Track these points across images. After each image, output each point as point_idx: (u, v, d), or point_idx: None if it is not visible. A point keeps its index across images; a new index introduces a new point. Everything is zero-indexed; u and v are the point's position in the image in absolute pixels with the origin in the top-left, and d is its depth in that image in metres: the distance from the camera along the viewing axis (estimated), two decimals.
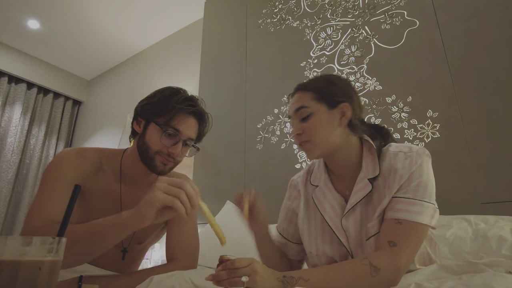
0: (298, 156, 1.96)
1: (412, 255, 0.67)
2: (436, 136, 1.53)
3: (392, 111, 1.69)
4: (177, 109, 0.90)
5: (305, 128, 0.79)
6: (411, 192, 0.70)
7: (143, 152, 0.91)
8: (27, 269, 0.41)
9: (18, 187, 3.54)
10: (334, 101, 0.79)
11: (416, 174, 0.72)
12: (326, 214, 0.82)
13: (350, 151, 0.81)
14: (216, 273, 0.59)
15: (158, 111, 0.91)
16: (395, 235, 0.67)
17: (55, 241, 0.44)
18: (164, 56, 3.45)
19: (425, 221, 0.68)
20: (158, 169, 0.91)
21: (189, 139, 0.95)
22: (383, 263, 0.64)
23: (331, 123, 0.79)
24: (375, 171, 0.77)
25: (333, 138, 0.79)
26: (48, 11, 3.19)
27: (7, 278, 0.40)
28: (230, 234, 1.70)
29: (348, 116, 0.80)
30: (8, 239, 0.42)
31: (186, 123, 0.92)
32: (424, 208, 0.69)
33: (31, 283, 0.41)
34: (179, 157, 0.94)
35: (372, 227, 0.73)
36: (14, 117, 3.61)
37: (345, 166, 0.82)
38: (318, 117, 0.78)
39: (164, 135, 0.89)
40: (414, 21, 1.74)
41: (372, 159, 0.79)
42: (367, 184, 0.76)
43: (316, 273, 0.63)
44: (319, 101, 0.79)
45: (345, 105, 0.80)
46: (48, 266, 0.43)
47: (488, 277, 0.53)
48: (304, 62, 2.12)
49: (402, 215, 0.68)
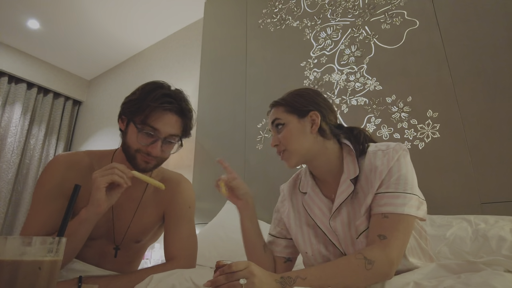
0: None
1: (402, 246, 0.69)
2: (436, 136, 1.53)
3: (392, 111, 1.69)
4: (151, 107, 0.87)
5: (280, 139, 0.85)
6: (392, 186, 0.73)
7: (126, 151, 0.91)
8: (27, 269, 0.41)
9: (18, 187, 3.54)
10: (303, 111, 0.86)
11: (395, 169, 0.75)
12: (316, 219, 0.85)
13: (329, 156, 0.85)
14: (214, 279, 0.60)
15: (135, 110, 0.88)
16: (383, 228, 0.70)
17: (55, 241, 0.45)
18: (164, 56, 3.45)
19: (411, 212, 0.71)
20: (141, 167, 0.90)
21: (170, 136, 0.91)
22: (376, 255, 0.66)
23: (303, 131, 0.84)
24: (356, 171, 0.80)
25: (307, 145, 0.83)
26: (48, 11, 3.19)
27: (7, 278, 0.40)
28: (230, 234, 1.70)
29: (318, 123, 0.85)
30: (8, 239, 0.42)
31: (163, 121, 0.89)
32: (407, 200, 0.71)
33: (31, 283, 0.41)
34: (161, 155, 0.92)
35: (360, 224, 0.75)
36: (14, 117, 3.62)
37: (327, 171, 0.86)
38: (290, 127, 0.85)
39: (141, 134, 0.88)
40: (414, 21, 1.74)
41: (352, 160, 0.83)
42: (350, 184, 0.79)
43: (313, 271, 0.64)
44: (290, 113, 0.86)
45: (314, 113, 0.85)
46: (48, 266, 0.43)
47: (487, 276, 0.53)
48: (304, 62, 2.12)
49: (387, 209, 0.71)
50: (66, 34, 3.52)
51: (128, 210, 0.98)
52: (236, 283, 0.57)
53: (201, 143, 2.48)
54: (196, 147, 2.51)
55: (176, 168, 2.73)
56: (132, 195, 0.99)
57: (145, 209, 1.00)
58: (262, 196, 1.98)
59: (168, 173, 1.10)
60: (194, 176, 2.43)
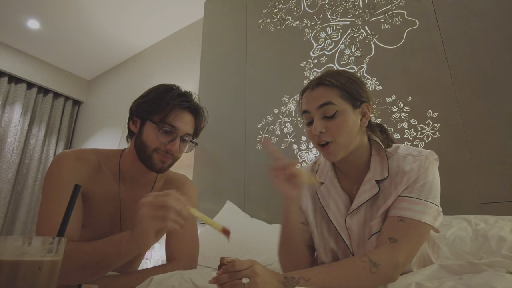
0: (298, 156, 1.96)
1: (412, 252, 0.68)
2: (436, 136, 1.52)
3: (392, 111, 1.69)
4: (171, 106, 0.90)
5: (330, 127, 0.75)
6: (415, 192, 0.71)
7: (141, 151, 0.91)
8: (27, 269, 0.41)
9: (18, 187, 3.54)
10: (358, 101, 0.77)
11: (422, 176, 0.72)
12: (330, 212, 0.82)
13: (362, 152, 0.81)
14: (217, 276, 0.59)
15: (153, 109, 0.90)
16: (396, 231, 0.68)
17: (55, 241, 0.44)
18: (164, 56, 3.45)
19: (428, 221, 0.69)
20: (157, 166, 0.91)
21: (186, 135, 0.94)
22: (382, 259, 0.64)
23: (356, 124, 0.76)
24: (384, 173, 0.77)
25: (355, 139, 0.77)
26: (48, 11, 3.19)
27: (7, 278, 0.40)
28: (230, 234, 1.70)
29: (369, 117, 0.79)
30: (8, 239, 0.42)
31: (182, 119, 0.92)
32: (427, 208, 0.69)
33: (31, 283, 0.41)
34: (177, 153, 0.94)
35: (375, 225, 0.74)
36: (14, 117, 3.61)
37: (354, 166, 0.82)
38: (345, 116, 0.75)
39: (161, 132, 0.89)
40: (414, 21, 1.74)
41: (380, 160, 0.79)
42: (374, 185, 0.76)
43: (317, 272, 0.63)
44: (345, 100, 0.76)
45: (366, 105, 0.79)
46: (48, 266, 0.43)
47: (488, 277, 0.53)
48: (304, 62, 2.12)
49: (405, 213, 0.69)
50: (66, 34, 3.52)
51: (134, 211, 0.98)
52: (239, 282, 0.56)
53: (201, 143, 2.48)
54: (196, 147, 2.50)
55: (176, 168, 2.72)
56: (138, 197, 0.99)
57: None
58: (262, 196, 1.98)
59: (173, 174, 1.10)
60: (194, 176, 2.43)
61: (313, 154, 1.91)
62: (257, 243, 1.56)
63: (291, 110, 2.09)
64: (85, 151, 0.96)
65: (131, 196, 0.96)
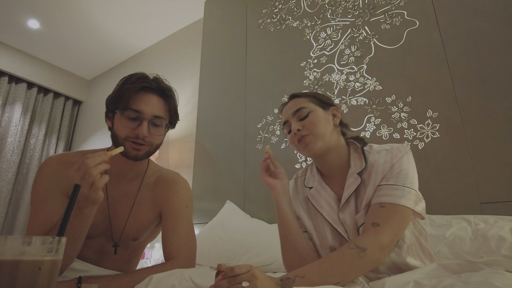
0: (298, 156, 1.96)
1: (395, 235, 0.71)
2: (436, 136, 1.53)
3: (392, 111, 1.69)
4: (130, 90, 0.88)
5: (305, 124, 0.87)
6: (393, 179, 0.77)
7: (115, 143, 0.92)
8: (27, 268, 0.41)
9: (18, 187, 3.55)
10: (326, 104, 0.92)
11: (397, 165, 0.79)
12: (323, 211, 0.87)
13: (341, 152, 0.90)
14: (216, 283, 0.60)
15: (116, 99, 0.90)
16: (378, 217, 0.73)
17: (55, 241, 0.44)
18: (164, 56, 3.45)
19: (408, 204, 0.73)
20: (131, 154, 0.90)
21: (155, 117, 0.91)
22: (367, 242, 0.68)
23: (327, 120, 0.89)
24: (362, 164, 0.85)
25: (329, 134, 0.87)
26: (48, 11, 3.19)
27: (7, 278, 0.40)
28: (230, 234, 1.70)
29: (339, 116, 0.92)
30: (8, 238, 0.42)
31: (145, 101, 0.89)
32: (405, 193, 0.75)
33: (31, 283, 0.41)
34: (150, 139, 0.91)
35: (359, 218, 0.79)
36: (14, 117, 3.62)
37: (337, 166, 0.89)
38: (317, 113, 0.88)
39: (124, 119, 0.88)
40: (414, 21, 1.74)
41: (358, 156, 0.88)
42: (357, 177, 0.84)
43: (310, 268, 0.65)
44: (314, 103, 0.91)
45: (334, 108, 0.93)
46: (48, 266, 0.43)
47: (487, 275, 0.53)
48: (304, 62, 2.12)
49: (385, 199, 0.75)
50: (67, 34, 3.52)
51: (124, 206, 0.99)
52: (239, 287, 0.57)
53: (201, 143, 2.48)
54: (196, 147, 2.51)
55: (176, 168, 2.73)
56: (127, 192, 1.00)
57: (141, 206, 1.01)
58: (262, 196, 1.98)
59: (165, 172, 1.10)
60: (194, 176, 2.43)
61: None
62: (257, 242, 1.56)
63: None
64: (68, 154, 0.98)
65: (120, 191, 0.98)
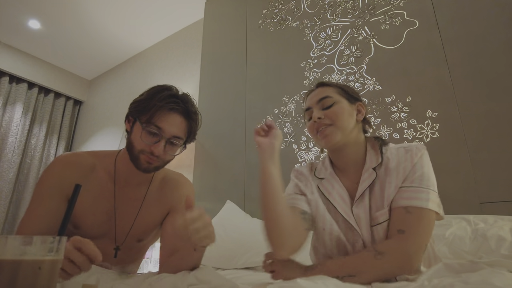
0: (298, 156, 1.96)
1: (422, 242, 0.70)
2: (435, 136, 1.53)
3: (391, 111, 1.69)
4: (157, 107, 0.87)
5: (327, 114, 0.84)
6: (416, 181, 0.75)
7: (130, 151, 0.91)
8: (27, 268, 0.41)
9: (19, 187, 3.55)
10: (353, 98, 0.89)
11: (418, 165, 0.77)
12: (336, 203, 0.84)
13: (358, 147, 0.87)
14: None
15: (142, 109, 0.89)
16: (404, 223, 0.71)
17: (55, 241, 0.45)
18: (164, 56, 3.45)
19: (434, 208, 0.72)
20: (142, 167, 0.90)
21: (175, 137, 0.90)
22: (387, 247, 0.68)
23: (351, 114, 0.86)
24: (378, 159, 0.83)
25: (350, 128, 0.85)
26: (49, 11, 3.20)
27: (7, 278, 0.40)
28: (230, 233, 1.71)
29: (363, 113, 0.89)
30: (8, 238, 0.42)
31: (168, 120, 0.88)
32: (430, 196, 0.73)
33: (31, 283, 0.41)
34: (163, 156, 0.90)
35: (381, 216, 0.76)
36: (15, 117, 3.62)
37: (352, 161, 0.87)
38: (342, 105, 0.86)
39: (145, 132, 0.87)
40: (414, 21, 1.74)
41: (374, 152, 0.85)
42: (372, 172, 0.81)
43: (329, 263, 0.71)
44: (341, 95, 0.88)
45: (360, 104, 0.90)
46: (48, 266, 0.43)
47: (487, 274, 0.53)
48: (304, 62, 2.12)
49: (411, 202, 0.72)
50: (67, 34, 3.53)
51: (132, 209, 0.99)
52: None
53: (201, 143, 2.48)
54: (196, 147, 2.51)
55: (176, 168, 2.73)
56: (135, 194, 1.00)
57: (148, 208, 1.01)
58: None
59: (171, 173, 1.10)
60: (194, 176, 2.44)
61: (313, 153, 1.91)
62: (257, 242, 1.56)
63: (291, 110, 2.09)
64: (80, 154, 0.97)
65: (126, 195, 0.97)
